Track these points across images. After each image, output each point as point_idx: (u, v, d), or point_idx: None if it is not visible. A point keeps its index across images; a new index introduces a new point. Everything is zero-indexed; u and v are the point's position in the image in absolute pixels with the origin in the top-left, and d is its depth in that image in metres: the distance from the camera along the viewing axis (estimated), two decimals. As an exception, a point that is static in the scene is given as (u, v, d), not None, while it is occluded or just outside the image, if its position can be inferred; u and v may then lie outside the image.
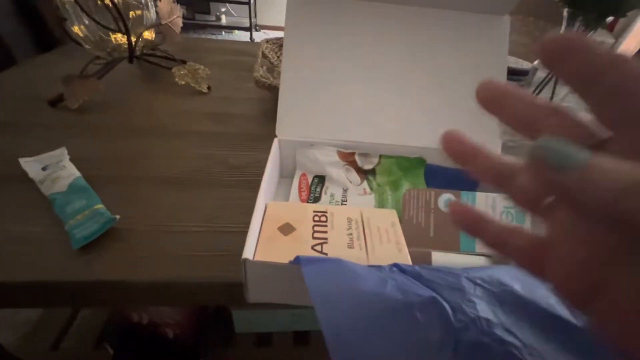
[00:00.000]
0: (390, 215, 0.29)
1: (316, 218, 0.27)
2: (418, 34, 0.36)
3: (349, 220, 0.27)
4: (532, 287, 0.20)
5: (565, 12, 0.59)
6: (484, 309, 0.18)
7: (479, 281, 0.20)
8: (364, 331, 0.17)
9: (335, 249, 0.25)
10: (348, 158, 0.37)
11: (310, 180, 0.36)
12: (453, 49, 0.36)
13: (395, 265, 0.22)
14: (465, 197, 0.29)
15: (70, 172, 0.34)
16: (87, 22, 0.53)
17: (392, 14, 0.35)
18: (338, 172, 0.36)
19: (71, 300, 0.28)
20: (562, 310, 0.19)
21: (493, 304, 0.19)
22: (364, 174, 0.37)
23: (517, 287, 0.20)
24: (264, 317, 0.57)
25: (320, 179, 0.36)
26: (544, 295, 0.20)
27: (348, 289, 0.18)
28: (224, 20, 3.57)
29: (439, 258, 0.26)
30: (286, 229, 0.26)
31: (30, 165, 0.35)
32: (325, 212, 0.28)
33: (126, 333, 0.53)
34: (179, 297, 0.29)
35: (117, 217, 0.30)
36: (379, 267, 0.21)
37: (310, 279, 0.19)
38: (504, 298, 0.19)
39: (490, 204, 0.29)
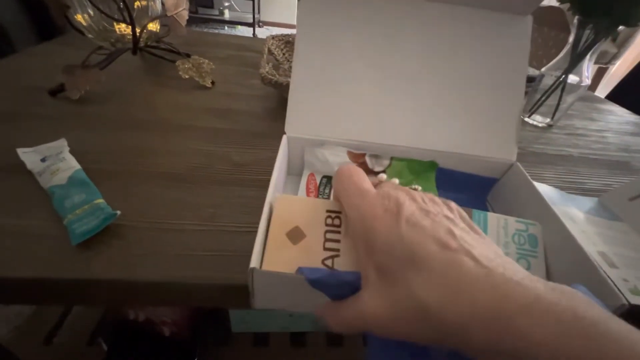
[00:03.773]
0: None
1: (329, 221, 0.25)
2: (434, 32, 0.35)
3: None
4: None
5: (575, 19, 0.58)
6: None
7: None
8: None
9: (347, 264, 0.23)
10: (358, 159, 0.36)
11: (318, 180, 0.35)
12: (471, 48, 0.35)
13: None
14: (477, 216, 0.28)
15: (70, 165, 0.33)
16: (91, 11, 0.52)
17: (407, 11, 0.34)
18: (346, 174, 0.35)
19: (68, 298, 0.27)
20: None
21: None
22: (374, 175, 0.37)
23: None
24: (261, 318, 0.56)
25: (329, 180, 0.36)
26: None
27: None
28: (227, 14, 3.56)
29: None
30: (295, 235, 0.24)
31: (29, 156, 0.34)
32: (340, 213, 0.26)
33: (122, 330, 0.52)
34: (178, 297, 0.28)
35: (118, 212, 0.29)
36: None
37: None
38: None
39: (502, 225, 0.28)
